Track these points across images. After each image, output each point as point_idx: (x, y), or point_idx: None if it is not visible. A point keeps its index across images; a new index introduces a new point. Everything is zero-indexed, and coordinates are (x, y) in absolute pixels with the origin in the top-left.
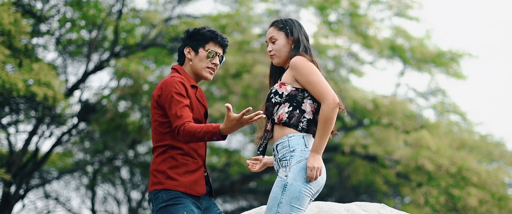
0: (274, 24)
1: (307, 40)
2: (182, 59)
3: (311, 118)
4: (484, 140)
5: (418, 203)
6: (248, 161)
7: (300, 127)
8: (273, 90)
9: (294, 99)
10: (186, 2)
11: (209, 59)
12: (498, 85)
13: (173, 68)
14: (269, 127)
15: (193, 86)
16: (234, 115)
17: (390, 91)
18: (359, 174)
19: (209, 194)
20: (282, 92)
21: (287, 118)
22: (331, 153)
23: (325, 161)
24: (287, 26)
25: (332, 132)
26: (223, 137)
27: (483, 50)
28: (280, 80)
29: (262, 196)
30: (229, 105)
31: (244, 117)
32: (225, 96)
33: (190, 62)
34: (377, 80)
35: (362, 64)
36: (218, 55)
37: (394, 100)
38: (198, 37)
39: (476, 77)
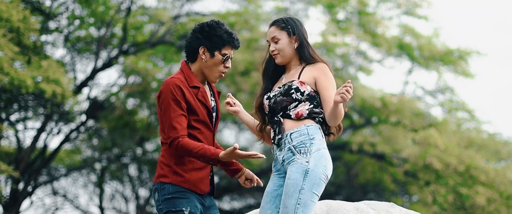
0: (275, 23)
1: (307, 38)
2: (194, 57)
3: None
4: (492, 138)
5: (426, 201)
6: (228, 99)
7: (317, 120)
8: (294, 87)
9: (315, 100)
10: None
11: (222, 64)
12: (507, 83)
13: (181, 66)
14: (279, 119)
15: (194, 87)
16: (239, 153)
17: (398, 90)
18: (367, 172)
19: (211, 194)
20: (304, 91)
21: (307, 114)
22: (339, 151)
23: (333, 159)
24: (288, 26)
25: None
26: (219, 163)
27: (491, 48)
28: (299, 79)
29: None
30: (237, 145)
31: (243, 153)
32: (234, 94)
33: (203, 63)
34: (386, 78)
35: (371, 63)
36: (230, 58)
37: (402, 98)
38: (216, 39)
39: (485, 76)
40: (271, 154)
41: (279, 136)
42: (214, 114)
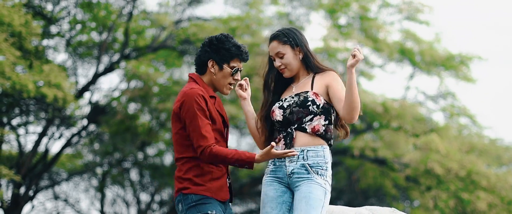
0: (276, 38)
1: (308, 46)
2: (203, 70)
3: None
4: (493, 143)
5: (427, 206)
6: (243, 82)
7: (330, 142)
8: (310, 99)
9: (329, 113)
10: (196, 4)
11: (231, 76)
12: (508, 89)
13: (190, 77)
14: (292, 131)
15: (211, 97)
16: (276, 152)
17: (399, 95)
18: (368, 177)
19: (230, 201)
20: (319, 104)
21: (324, 131)
22: (340, 156)
23: (335, 164)
24: (290, 38)
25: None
26: (253, 166)
27: (493, 53)
28: (313, 89)
29: None
30: (274, 144)
31: (279, 152)
32: (235, 99)
33: (213, 76)
34: (387, 83)
35: (372, 68)
36: (240, 70)
37: (403, 103)
38: (224, 52)
39: (486, 81)
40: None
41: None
42: (226, 123)
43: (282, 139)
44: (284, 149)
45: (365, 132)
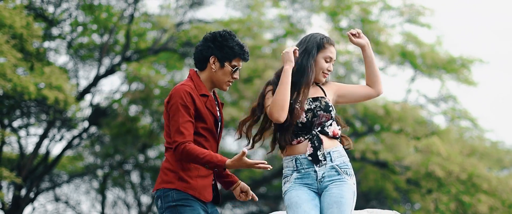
0: (334, 44)
1: None
2: (203, 65)
3: None
4: (495, 146)
5: (428, 209)
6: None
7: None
8: (330, 104)
9: (336, 121)
10: (197, 7)
11: (231, 74)
12: (510, 92)
13: (189, 74)
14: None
15: (203, 95)
16: (247, 160)
17: (401, 98)
18: (369, 180)
19: (215, 201)
20: (335, 111)
21: (339, 135)
22: None
23: None
24: None
25: None
26: (224, 170)
27: (494, 56)
28: (327, 96)
29: (272, 201)
30: (246, 150)
31: (250, 161)
32: (236, 101)
33: (213, 72)
34: (388, 86)
35: None
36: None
37: (405, 106)
38: (227, 50)
39: (487, 84)
40: (273, 163)
41: (322, 152)
42: (219, 123)
43: (307, 141)
44: (312, 153)
45: (366, 135)
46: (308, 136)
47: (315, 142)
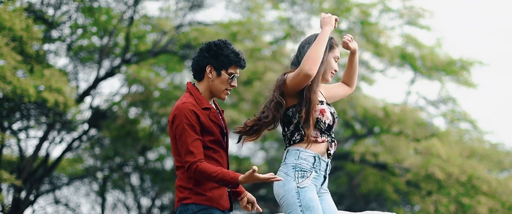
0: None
1: None
2: (201, 76)
3: None
4: (494, 148)
5: (428, 211)
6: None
7: None
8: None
9: None
10: (197, 9)
11: (228, 82)
12: (509, 93)
13: (187, 88)
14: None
15: (205, 109)
16: (259, 176)
17: (400, 100)
18: (369, 182)
19: (230, 209)
20: None
21: None
22: (341, 161)
23: (336, 168)
24: None
25: None
26: (238, 186)
27: (494, 58)
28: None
29: (272, 203)
30: (256, 168)
31: (262, 176)
32: (236, 104)
33: (210, 81)
34: (388, 88)
35: (373, 72)
36: (237, 77)
37: (404, 108)
38: (223, 59)
39: (487, 86)
40: (273, 166)
41: (330, 158)
42: (225, 132)
43: (327, 144)
44: (327, 156)
45: (365, 137)
46: (328, 139)
47: (331, 146)
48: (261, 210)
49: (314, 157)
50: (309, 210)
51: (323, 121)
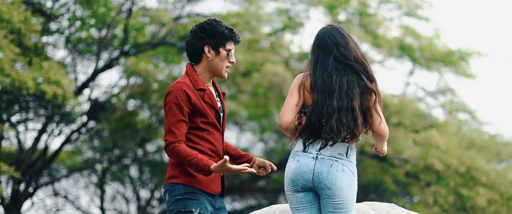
0: None
1: None
2: (198, 58)
3: None
4: (493, 139)
5: (427, 202)
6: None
7: None
8: None
9: None
10: (196, 1)
11: (227, 59)
12: (508, 84)
13: (186, 68)
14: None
15: (200, 90)
16: (230, 166)
17: (399, 91)
18: (368, 173)
19: (221, 195)
20: None
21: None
22: None
23: None
24: None
25: None
26: (210, 174)
27: (492, 49)
28: None
29: (271, 195)
30: (227, 158)
31: (234, 167)
32: (235, 95)
33: (209, 61)
34: (387, 79)
35: (372, 64)
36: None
37: (403, 99)
38: (219, 36)
39: (485, 77)
40: (272, 157)
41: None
42: (221, 114)
43: None
44: None
45: None
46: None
47: None
48: (275, 168)
49: None
50: None
51: None
